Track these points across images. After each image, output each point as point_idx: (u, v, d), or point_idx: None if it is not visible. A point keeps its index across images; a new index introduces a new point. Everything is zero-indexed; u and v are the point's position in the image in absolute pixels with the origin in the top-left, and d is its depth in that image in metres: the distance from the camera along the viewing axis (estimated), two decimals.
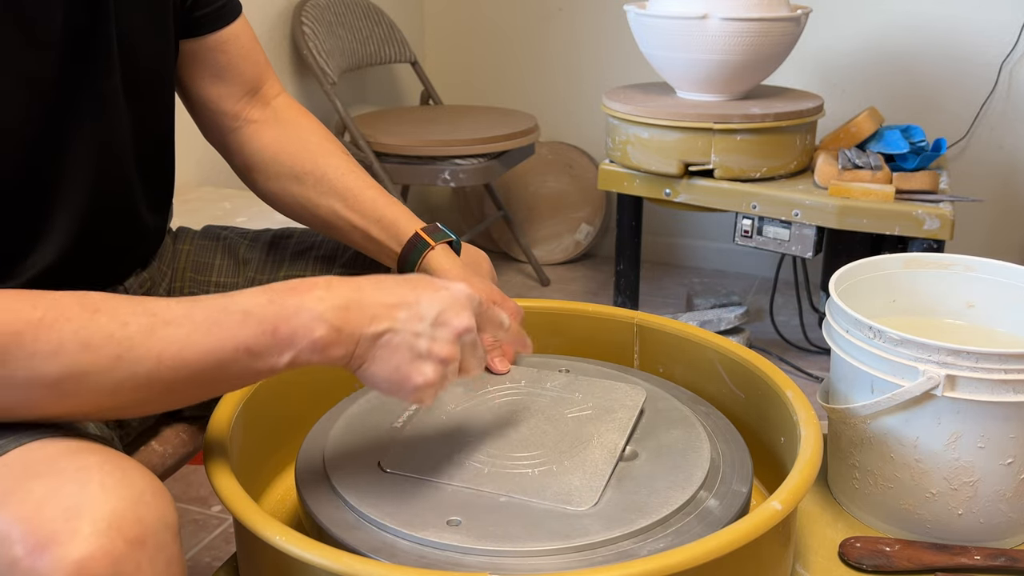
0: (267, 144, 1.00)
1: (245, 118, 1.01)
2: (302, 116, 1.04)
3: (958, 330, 0.98)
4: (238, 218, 1.72)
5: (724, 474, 0.79)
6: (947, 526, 0.86)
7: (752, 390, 0.91)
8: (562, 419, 0.84)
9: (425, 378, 0.68)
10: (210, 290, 1.02)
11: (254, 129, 1.01)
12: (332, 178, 0.98)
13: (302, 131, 1.01)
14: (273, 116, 1.02)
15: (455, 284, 0.71)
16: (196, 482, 1.69)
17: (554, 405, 0.87)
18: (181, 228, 1.08)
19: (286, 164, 0.99)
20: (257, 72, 1.01)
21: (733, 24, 1.87)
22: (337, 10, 2.46)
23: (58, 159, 0.79)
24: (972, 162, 2.47)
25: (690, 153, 1.94)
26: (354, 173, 0.99)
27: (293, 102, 1.05)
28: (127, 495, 0.59)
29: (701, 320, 2.21)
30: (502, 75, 2.93)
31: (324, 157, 0.99)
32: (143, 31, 0.86)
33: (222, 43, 0.97)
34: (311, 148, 1.00)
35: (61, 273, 0.81)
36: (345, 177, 0.98)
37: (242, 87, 1.00)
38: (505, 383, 0.91)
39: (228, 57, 0.98)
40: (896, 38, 2.47)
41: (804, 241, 1.92)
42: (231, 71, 0.98)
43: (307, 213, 0.99)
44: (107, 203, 0.85)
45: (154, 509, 0.60)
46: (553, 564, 0.68)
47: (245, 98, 1.00)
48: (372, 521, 0.72)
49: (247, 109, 1.01)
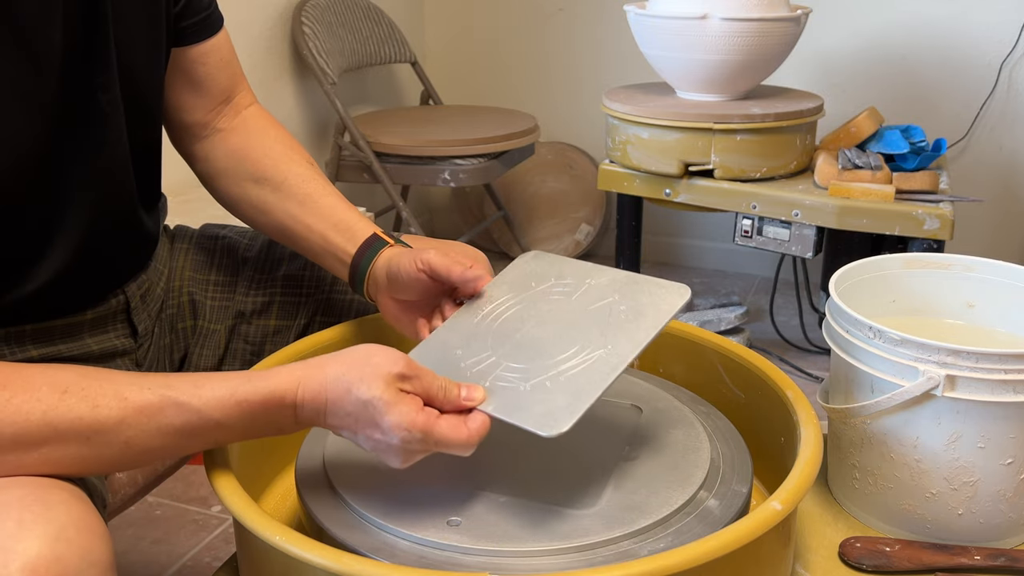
0: (232, 151, 0.99)
1: (214, 127, 1.00)
2: (270, 126, 1.03)
3: (958, 330, 0.98)
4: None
5: (724, 474, 0.79)
6: (947, 526, 0.86)
7: (752, 390, 0.91)
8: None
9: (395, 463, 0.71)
10: (209, 289, 1.02)
11: (221, 137, 1.00)
12: (292, 184, 0.96)
13: (267, 139, 1.00)
14: (242, 124, 1.01)
15: (392, 433, 0.68)
16: (196, 482, 1.69)
17: None
18: (179, 227, 1.08)
19: (248, 169, 0.98)
20: (232, 83, 1.01)
21: (733, 24, 1.86)
22: (337, 10, 2.46)
23: (59, 173, 0.78)
24: (972, 162, 2.47)
25: (690, 153, 1.94)
26: (316, 181, 0.97)
27: (263, 112, 1.04)
28: (46, 532, 0.57)
29: (701, 320, 2.21)
30: (502, 75, 2.93)
31: (286, 164, 0.98)
32: (140, 44, 0.85)
33: (203, 55, 0.97)
34: (274, 155, 0.99)
35: (65, 283, 0.82)
36: (306, 184, 0.97)
37: (216, 98, 0.99)
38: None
39: (207, 69, 0.97)
40: (896, 38, 2.47)
41: (804, 241, 1.92)
42: (208, 82, 0.98)
43: (264, 218, 0.98)
44: (109, 213, 0.85)
45: (76, 547, 0.58)
46: (553, 564, 0.68)
47: (217, 108, 1.00)
48: (372, 521, 0.72)
49: (218, 119, 1.00)
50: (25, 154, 0.74)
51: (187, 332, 1.01)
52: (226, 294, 1.02)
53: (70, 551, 0.57)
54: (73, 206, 0.80)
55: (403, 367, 0.69)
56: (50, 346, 0.84)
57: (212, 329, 1.01)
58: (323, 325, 1.02)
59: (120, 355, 0.91)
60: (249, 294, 1.02)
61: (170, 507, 1.63)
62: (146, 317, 0.94)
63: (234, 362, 1.02)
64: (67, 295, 0.84)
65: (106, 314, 0.89)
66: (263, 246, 1.06)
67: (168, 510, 1.62)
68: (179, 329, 1.01)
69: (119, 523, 1.57)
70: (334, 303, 1.03)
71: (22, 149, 0.73)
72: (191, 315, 1.01)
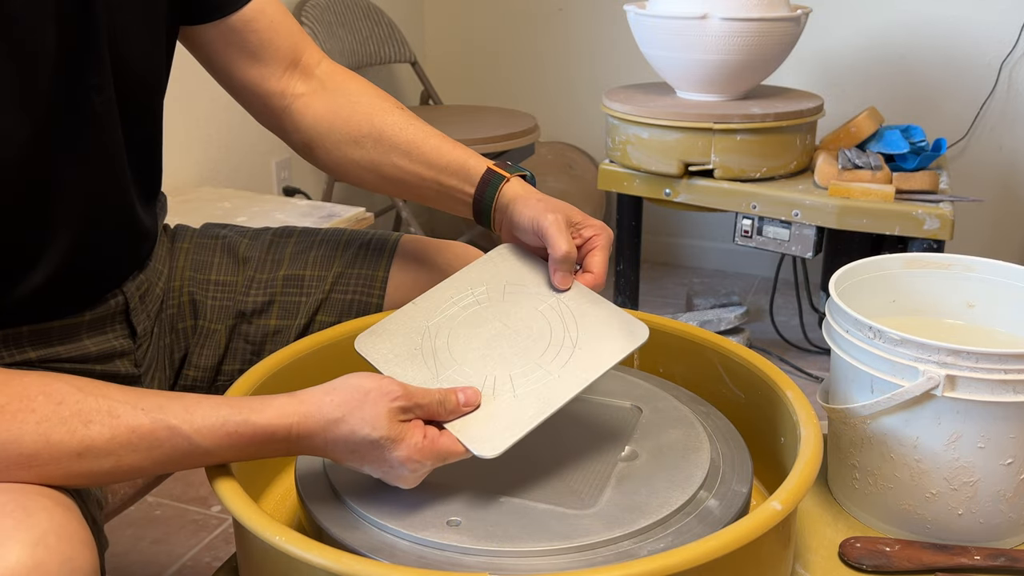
0: (320, 115, 0.97)
1: (292, 93, 0.98)
2: (349, 80, 1.01)
3: (958, 330, 0.98)
4: (238, 218, 1.71)
5: (724, 474, 0.79)
6: (947, 526, 0.86)
7: (752, 390, 0.91)
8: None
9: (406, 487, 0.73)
10: (209, 288, 1.02)
11: (304, 103, 0.98)
12: (391, 135, 0.95)
13: (351, 95, 0.98)
14: (320, 85, 0.99)
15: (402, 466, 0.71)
16: (196, 482, 1.69)
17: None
18: (179, 226, 1.08)
19: (342, 131, 0.96)
20: (292, 43, 0.98)
21: (733, 24, 1.86)
22: (337, 10, 2.46)
23: (55, 173, 0.78)
24: (972, 162, 2.47)
25: (690, 153, 1.94)
26: (413, 126, 0.96)
27: (337, 67, 1.02)
28: (27, 539, 0.57)
29: (701, 320, 2.21)
30: (502, 75, 2.93)
31: (379, 116, 0.96)
32: (135, 41, 0.84)
33: (248, 21, 0.94)
34: (364, 110, 0.97)
35: (62, 284, 0.81)
36: (404, 131, 0.95)
37: (281, 63, 0.97)
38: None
39: (259, 35, 0.95)
40: (896, 38, 2.47)
41: (804, 241, 1.92)
42: (266, 49, 0.96)
43: (373, 176, 0.97)
44: (106, 212, 0.84)
45: (56, 553, 0.58)
46: (553, 564, 0.68)
47: (288, 73, 0.98)
48: (372, 521, 0.72)
49: (291, 83, 0.98)
50: (16, 154, 0.73)
51: (187, 332, 1.01)
52: (226, 294, 1.02)
53: (51, 558, 0.57)
54: (67, 206, 0.79)
55: (401, 400, 0.71)
56: (48, 348, 0.84)
57: (212, 329, 1.01)
58: (324, 325, 1.02)
59: (119, 356, 0.90)
60: (249, 294, 1.02)
61: (170, 507, 1.63)
62: (145, 318, 0.94)
63: (234, 362, 1.02)
64: (64, 295, 0.83)
65: (105, 315, 0.88)
66: (264, 246, 1.06)
67: (168, 510, 1.62)
68: (179, 329, 1.01)
69: (119, 523, 1.57)
70: (334, 303, 1.03)
71: (12, 150, 0.73)
72: (191, 315, 1.01)
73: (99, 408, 0.64)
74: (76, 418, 0.63)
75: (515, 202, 0.89)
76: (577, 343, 0.81)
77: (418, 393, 0.72)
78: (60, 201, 0.79)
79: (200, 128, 2.08)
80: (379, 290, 1.04)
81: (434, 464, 0.72)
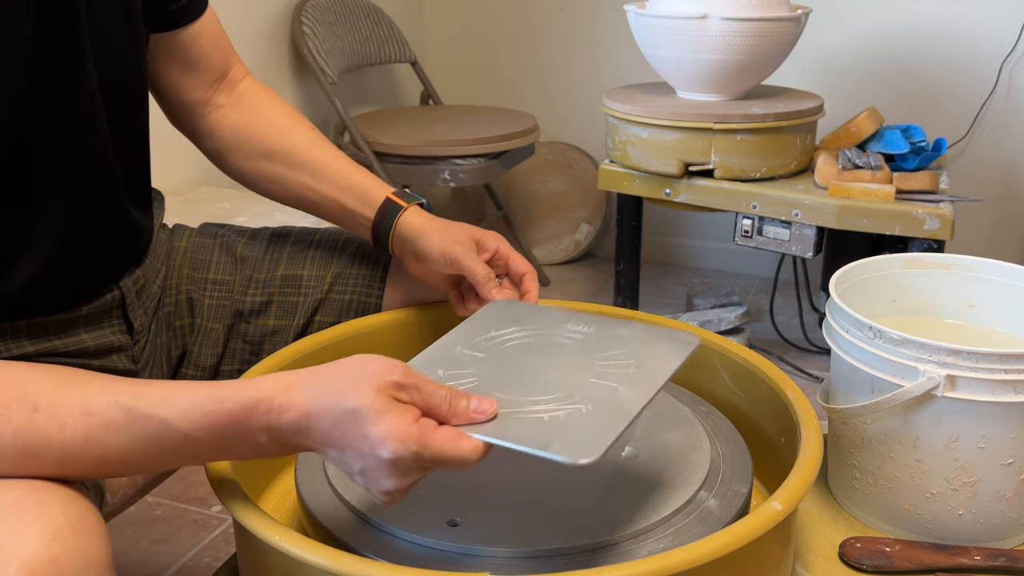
0: (236, 126, 1.02)
1: (214, 104, 1.02)
2: (267, 97, 1.05)
3: (958, 330, 0.98)
4: (238, 218, 1.71)
5: (724, 474, 0.79)
6: (947, 526, 0.86)
7: (752, 390, 0.91)
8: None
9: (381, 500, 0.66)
10: (207, 288, 1.02)
11: (222, 113, 1.02)
12: (300, 152, 1.01)
13: (267, 111, 1.04)
14: (239, 98, 1.04)
15: (382, 446, 0.61)
16: (196, 482, 1.69)
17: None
18: (177, 225, 1.08)
19: (255, 143, 1.01)
20: (224, 59, 1.02)
21: (733, 24, 1.86)
22: (337, 10, 2.46)
23: (38, 164, 0.77)
24: (972, 162, 2.47)
25: (690, 153, 1.94)
26: (321, 147, 1.02)
27: (257, 84, 1.07)
28: (43, 533, 0.57)
29: (701, 320, 2.21)
30: (502, 75, 2.93)
31: (291, 135, 1.02)
32: (116, 32, 0.84)
33: (194, 36, 0.98)
34: (278, 126, 1.02)
35: (54, 276, 0.81)
36: (313, 151, 1.01)
37: (212, 75, 1.01)
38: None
39: (199, 49, 0.99)
40: (896, 38, 2.47)
41: (804, 241, 1.92)
42: (202, 62, 1.00)
43: (280, 189, 1.02)
44: (92, 204, 0.84)
45: (72, 547, 0.58)
46: (553, 564, 0.68)
47: (214, 85, 1.02)
48: (372, 521, 0.72)
49: (215, 95, 1.02)
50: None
51: (184, 330, 1.01)
52: (224, 293, 1.02)
53: (66, 552, 0.57)
54: (53, 198, 0.79)
55: (400, 375, 0.63)
56: (46, 342, 0.83)
57: (210, 328, 1.01)
58: (322, 325, 1.02)
59: (116, 351, 0.90)
60: (247, 293, 1.02)
61: (170, 507, 1.63)
62: (142, 313, 0.94)
63: (233, 362, 1.02)
64: (58, 289, 0.83)
65: (101, 309, 0.88)
66: (261, 246, 1.06)
67: (168, 510, 1.62)
68: (176, 327, 1.01)
69: (119, 523, 1.57)
70: (333, 303, 1.03)
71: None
72: (188, 313, 1.01)
73: (73, 408, 0.62)
74: (51, 423, 0.62)
75: (419, 235, 0.96)
76: (631, 357, 0.76)
77: (423, 379, 0.65)
78: (44, 192, 0.78)
79: None
80: (378, 290, 1.04)
81: (419, 462, 0.62)
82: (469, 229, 0.96)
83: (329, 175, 1.00)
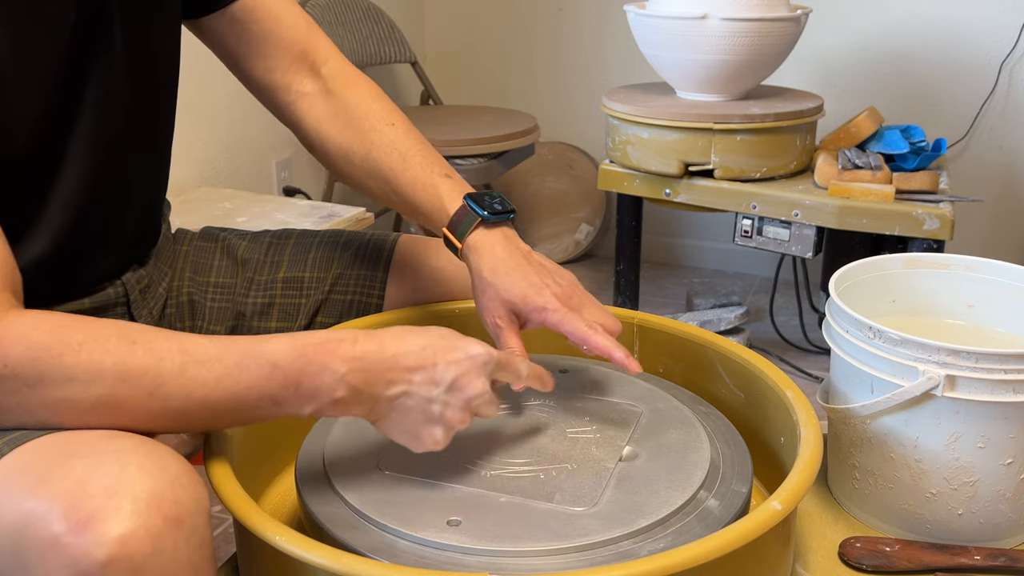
0: (320, 121, 0.98)
1: (297, 90, 0.98)
2: (351, 86, 0.99)
3: (958, 330, 0.98)
4: (238, 218, 1.72)
5: (724, 474, 0.79)
6: (947, 526, 0.86)
7: (752, 390, 0.91)
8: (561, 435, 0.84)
9: (434, 440, 0.72)
10: (208, 290, 1.02)
11: (307, 104, 0.98)
12: (376, 158, 0.94)
13: (349, 105, 0.98)
14: (323, 87, 0.99)
15: (473, 347, 0.72)
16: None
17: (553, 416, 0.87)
18: (180, 230, 1.08)
19: (336, 143, 0.97)
20: (298, 36, 0.98)
21: (733, 24, 1.86)
22: (337, 10, 2.46)
23: (58, 146, 0.78)
24: (972, 162, 2.47)
25: (690, 153, 1.94)
26: (398, 149, 0.94)
27: (343, 67, 1.01)
28: (163, 476, 0.60)
29: (701, 320, 2.21)
30: (502, 75, 2.93)
31: (370, 135, 0.95)
32: (148, 19, 0.85)
33: (248, 12, 0.95)
34: (358, 124, 0.96)
35: (55, 263, 0.81)
36: (389, 155, 0.94)
37: (285, 55, 0.97)
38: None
39: (260, 25, 0.95)
40: (896, 38, 2.47)
41: (804, 241, 1.92)
42: (268, 40, 0.96)
43: (367, 192, 0.98)
44: (104, 194, 0.84)
45: (189, 491, 0.61)
46: (553, 564, 0.68)
47: (293, 67, 0.98)
48: (372, 521, 0.72)
49: (297, 80, 0.98)
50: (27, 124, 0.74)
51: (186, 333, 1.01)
52: (226, 295, 1.02)
53: (185, 495, 0.61)
54: (68, 180, 0.80)
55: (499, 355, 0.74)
56: None
57: (212, 330, 1.01)
58: (324, 326, 1.02)
59: None
60: (249, 295, 1.02)
61: None
62: (147, 314, 0.94)
63: None
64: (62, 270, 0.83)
65: (105, 303, 0.88)
66: (262, 248, 1.06)
67: None
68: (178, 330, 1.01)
69: None
70: (334, 304, 1.03)
71: (24, 118, 0.74)
72: (189, 316, 1.01)
73: (171, 347, 0.66)
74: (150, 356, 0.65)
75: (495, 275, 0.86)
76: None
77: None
78: (61, 172, 0.79)
79: (201, 128, 2.08)
80: (378, 290, 1.04)
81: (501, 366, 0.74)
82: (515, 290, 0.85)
83: (400, 185, 0.93)
